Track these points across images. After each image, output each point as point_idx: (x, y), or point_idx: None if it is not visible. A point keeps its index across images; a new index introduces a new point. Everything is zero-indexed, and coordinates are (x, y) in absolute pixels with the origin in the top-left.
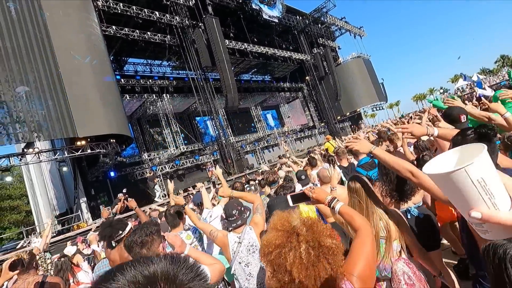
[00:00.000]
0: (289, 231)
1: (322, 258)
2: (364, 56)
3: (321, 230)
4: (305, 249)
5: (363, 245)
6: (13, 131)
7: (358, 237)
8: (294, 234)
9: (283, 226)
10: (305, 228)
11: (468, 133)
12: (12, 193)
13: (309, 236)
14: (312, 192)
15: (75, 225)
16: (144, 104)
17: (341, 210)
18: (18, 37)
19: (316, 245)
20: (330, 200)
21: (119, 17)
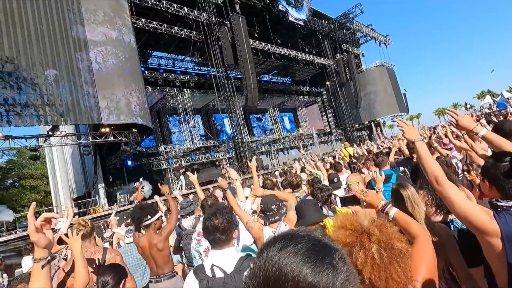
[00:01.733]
0: (359, 230)
1: (394, 260)
2: (388, 65)
3: (391, 232)
4: (377, 249)
5: (423, 252)
6: (43, 113)
7: (417, 243)
8: (365, 234)
9: (352, 225)
10: (377, 228)
11: (504, 159)
12: (34, 173)
13: (381, 237)
14: (365, 196)
15: (92, 209)
16: (164, 97)
17: (396, 216)
18: (54, 22)
19: (389, 247)
20: (384, 205)
21: (149, 10)
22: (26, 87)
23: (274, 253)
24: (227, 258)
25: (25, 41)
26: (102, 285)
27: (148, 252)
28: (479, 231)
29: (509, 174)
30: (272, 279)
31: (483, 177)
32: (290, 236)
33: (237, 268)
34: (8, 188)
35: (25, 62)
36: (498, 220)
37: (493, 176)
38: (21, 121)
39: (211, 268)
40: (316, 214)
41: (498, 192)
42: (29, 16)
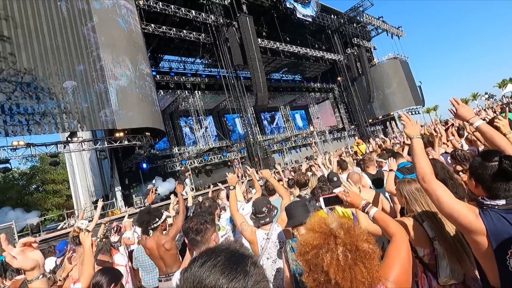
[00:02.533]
0: (326, 233)
1: (359, 261)
2: (401, 57)
3: (358, 234)
4: (342, 251)
5: (398, 251)
6: (60, 121)
7: (393, 242)
8: (332, 237)
9: (320, 228)
10: (343, 231)
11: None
12: (56, 178)
13: (346, 239)
14: (346, 196)
15: (110, 211)
16: (176, 100)
17: (375, 216)
18: (68, 33)
19: (354, 249)
20: (364, 205)
21: (158, 15)
22: (44, 96)
23: (196, 268)
24: None
25: (41, 53)
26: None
27: (157, 252)
28: (465, 230)
29: (495, 175)
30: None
31: (470, 175)
32: (210, 251)
33: None
34: (33, 193)
35: (42, 72)
36: (483, 218)
37: (480, 175)
38: (40, 129)
39: None
40: (305, 214)
41: (484, 191)
42: (44, 30)
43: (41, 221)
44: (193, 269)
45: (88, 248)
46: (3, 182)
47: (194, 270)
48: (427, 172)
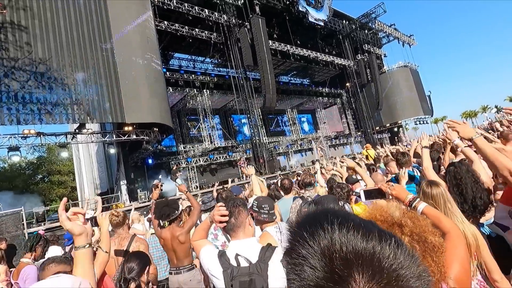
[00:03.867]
0: (390, 221)
1: (428, 254)
2: (411, 66)
3: (424, 225)
4: (409, 241)
5: (455, 248)
6: (71, 111)
7: (449, 239)
8: (396, 226)
9: (382, 216)
10: (409, 220)
11: None
12: (62, 169)
13: (415, 229)
14: (391, 189)
15: (114, 204)
16: (185, 98)
17: (425, 211)
18: (83, 26)
19: (422, 240)
20: (411, 199)
21: (171, 13)
22: (57, 87)
23: (338, 233)
24: (250, 248)
25: (56, 45)
26: (128, 271)
27: (170, 244)
28: None
29: None
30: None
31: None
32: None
33: (261, 257)
34: (38, 183)
35: (56, 63)
36: None
37: None
38: (51, 119)
39: (236, 257)
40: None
41: None
42: (61, 23)
43: (46, 211)
44: (329, 231)
45: (105, 231)
46: (10, 170)
47: (333, 233)
48: (509, 164)
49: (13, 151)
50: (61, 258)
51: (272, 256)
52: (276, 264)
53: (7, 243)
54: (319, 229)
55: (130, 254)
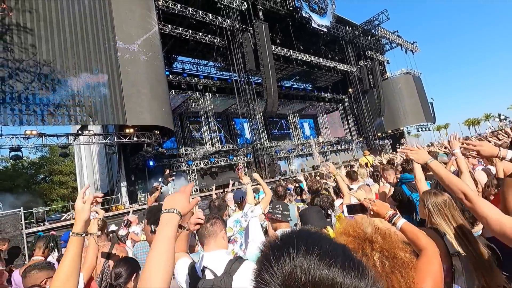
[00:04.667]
0: (361, 237)
1: (397, 270)
2: (414, 73)
3: (395, 241)
4: (379, 258)
5: (430, 264)
6: (74, 113)
7: (424, 256)
8: (368, 241)
9: (355, 232)
10: (379, 236)
11: None
12: (63, 170)
13: (384, 245)
14: (372, 204)
15: (114, 206)
16: (187, 101)
17: (403, 227)
18: (88, 28)
19: (391, 256)
20: (391, 215)
21: (175, 17)
22: (60, 88)
23: (300, 258)
24: (219, 260)
25: (61, 46)
26: (115, 276)
27: None
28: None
29: None
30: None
31: None
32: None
33: (227, 270)
34: (40, 183)
35: (59, 65)
36: None
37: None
38: (53, 120)
39: (203, 270)
40: (321, 220)
41: None
42: (66, 24)
43: (46, 211)
44: (294, 257)
45: (94, 234)
46: (12, 170)
47: (297, 260)
48: (465, 190)
49: (15, 151)
50: (43, 265)
51: (239, 269)
52: (241, 278)
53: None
54: (285, 255)
55: (119, 260)
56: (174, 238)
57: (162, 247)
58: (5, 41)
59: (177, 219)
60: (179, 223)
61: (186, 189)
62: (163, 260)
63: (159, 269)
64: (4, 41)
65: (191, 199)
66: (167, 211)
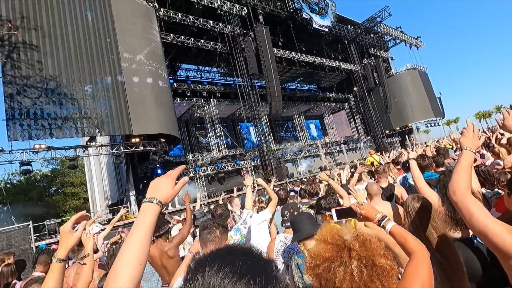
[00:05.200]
0: (340, 245)
1: (375, 278)
2: (420, 68)
3: (375, 248)
4: (357, 266)
5: (418, 269)
6: (81, 125)
7: (413, 259)
8: (346, 249)
9: (333, 239)
10: (358, 244)
11: None
12: (74, 181)
13: (362, 252)
14: (360, 208)
15: (124, 215)
16: (192, 108)
17: (392, 230)
18: (91, 41)
19: (370, 264)
20: (380, 219)
21: (176, 25)
22: (67, 102)
23: (211, 275)
24: None
25: (66, 61)
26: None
27: (159, 260)
28: (500, 252)
29: None
30: None
31: (509, 191)
32: (225, 252)
33: None
34: (53, 195)
35: (65, 79)
36: None
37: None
38: (61, 134)
39: None
40: (311, 226)
41: None
42: (70, 39)
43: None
44: (206, 275)
45: (89, 250)
46: (25, 183)
47: (208, 278)
48: (461, 185)
49: (25, 166)
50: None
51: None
52: None
53: (15, 257)
54: (199, 273)
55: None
56: (150, 231)
57: (134, 242)
58: (13, 59)
59: (157, 209)
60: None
61: (172, 173)
62: (133, 256)
63: (128, 266)
64: (12, 59)
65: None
66: (147, 200)
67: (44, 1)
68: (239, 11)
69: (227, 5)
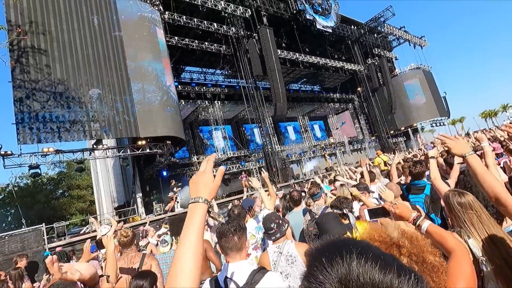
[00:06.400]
0: (388, 242)
1: (427, 274)
2: (424, 68)
3: (423, 245)
4: (407, 263)
5: (461, 266)
6: (88, 128)
7: (454, 258)
8: (395, 246)
9: (380, 237)
10: (407, 240)
11: None
12: (80, 184)
13: (412, 249)
14: (394, 208)
15: (131, 217)
16: (197, 110)
17: (429, 229)
18: (98, 46)
19: (420, 260)
20: (415, 217)
21: (181, 28)
22: (74, 105)
23: (355, 266)
24: (241, 271)
25: (73, 65)
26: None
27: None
28: None
29: None
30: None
31: None
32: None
33: (248, 281)
34: (59, 198)
35: (73, 83)
36: None
37: None
38: (69, 137)
39: (225, 281)
40: (340, 227)
41: None
42: (77, 43)
43: (66, 225)
44: (348, 261)
45: (111, 252)
46: (32, 186)
47: (351, 263)
48: (500, 192)
49: (34, 169)
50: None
51: (261, 280)
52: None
53: (28, 260)
54: (338, 257)
55: (137, 273)
56: (201, 231)
57: (189, 243)
58: (22, 63)
59: (204, 208)
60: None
61: (207, 167)
62: (190, 257)
63: (185, 267)
64: (21, 63)
65: (215, 174)
66: (193, 201)
67: (52, 6)
68: (243, 13)
69: (231, 7)
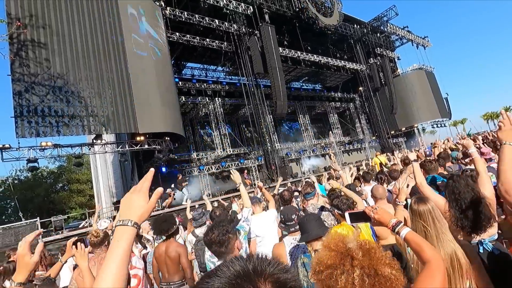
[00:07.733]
0: (343, 252)
1: (378, 287)
2: (426, 68)
3: (379, 257)
4: (359, 275)
5: (432, 279)
6: (87, 123)
7: (427, 269)
8: (348, 257)
9: (336, 246)
10: (361, 252)
11: None
12: (80, 178)
13: (365, 261)
14: (374, 212)
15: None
16: (197, 106)
17: (407, 237)
18: (98, 39)
19: (372, 273)
20: (394, 224)
21: (182, 24)
22: (74, 99)
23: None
24: None
25: (73, 59)
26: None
27: (164, 258)
28: None
29: None
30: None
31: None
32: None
33: None
34: (59, 191)
35: (72, 77)
36: None
37: None
38: (68, 131)
39: None
40: (319, 228)
41: None
42: (77, 36)
43: (65, 219)
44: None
45: (85, 268)
46: (32, 180)
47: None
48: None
49: (32, 163)
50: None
51: None
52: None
53: None
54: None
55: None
56: (127, 256)
57: (110, 268)
58: (21, 57)
59: (132, 232)
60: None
61: (143, 186)
62: (111, 283)
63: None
64: (20, 56)
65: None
66: (121, 223)
67: (52, 0)
68: (245, 10)
69: (233, 4)
